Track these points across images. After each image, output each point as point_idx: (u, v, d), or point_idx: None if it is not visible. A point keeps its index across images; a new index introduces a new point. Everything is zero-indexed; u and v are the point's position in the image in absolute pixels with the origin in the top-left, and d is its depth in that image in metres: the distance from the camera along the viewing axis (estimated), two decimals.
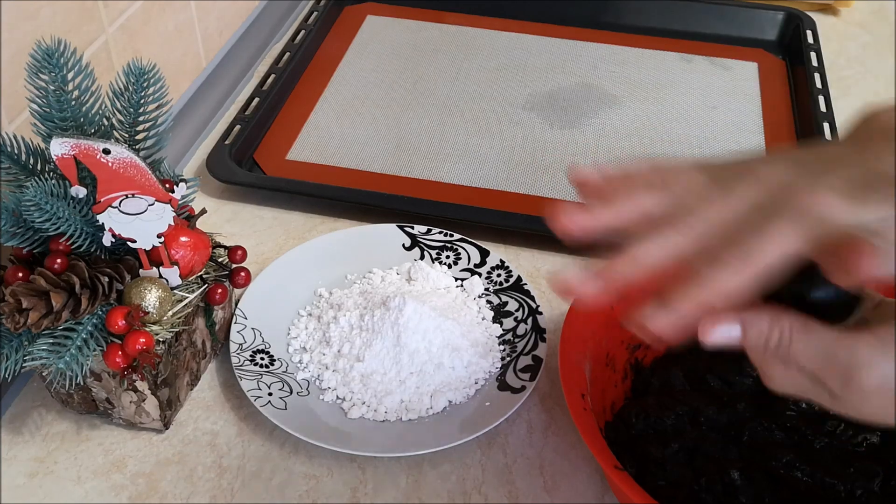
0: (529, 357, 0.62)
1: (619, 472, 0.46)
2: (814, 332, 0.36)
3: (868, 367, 0.34)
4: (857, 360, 0.34)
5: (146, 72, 0.56)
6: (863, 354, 0.35)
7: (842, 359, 0.35)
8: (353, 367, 0.61)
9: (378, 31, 1.01)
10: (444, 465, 0.58)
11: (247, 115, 0.84)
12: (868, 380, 0.34)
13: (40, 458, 0.57)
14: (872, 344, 0.35)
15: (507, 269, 0.69)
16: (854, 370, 0.35)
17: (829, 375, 0.35)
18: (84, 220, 0.54)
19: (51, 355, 0.51)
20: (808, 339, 0.36)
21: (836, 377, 0.35)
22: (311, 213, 0.77)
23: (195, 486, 0.56)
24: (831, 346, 0.35)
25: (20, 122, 0.61)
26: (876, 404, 0.35)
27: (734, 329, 0.37)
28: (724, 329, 0.37)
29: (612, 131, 0.86)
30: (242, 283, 0.61)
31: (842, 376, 0.35)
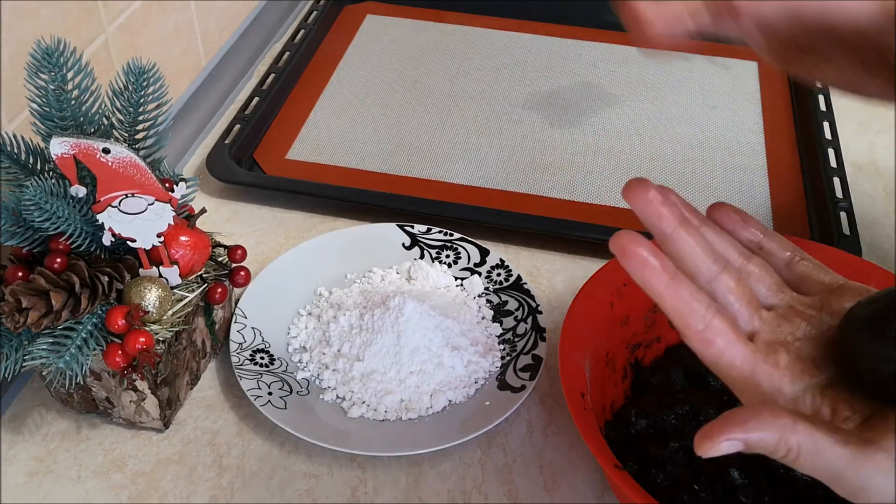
0: (529, 356, 0.62)
1: (618, 471, 0.46)
2: (823, 454, 0.34)
3: (879, 493, 0.33)
4: (866, 485, 0.33)
5: (146, 71, 0.56)
6: (874, 483, 0.33)
7: (851, 482, 0.34)
8: (352, 366, 0.61)
9: (378, 31, 1.01)
10: (443, 464, 0.58)
11: (246, 115, 0.84)
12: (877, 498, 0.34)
13: (40, 458, 0.57)
14: (887, 471, 0.33)
15: (507, 268, 0.69)
16: (862, 492, 0.34)
17: (835, 486, 0.34)
18: (84, 220, 0.54)
19: (51, 355, 0.51)
20: (816, 462, 0.34)
21: (843, 492, 0.34)
22: (310, 213, 0.77)
23: (195, 486, 0.56)
24: (840, 470, 0.34)
25: (20, 121, 0.61)
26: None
27: (736, 445, 0.35)
28: (725, 445, 0.34)
29: (611, 130, 0.86)
30: (242, 282, 0.61)
31: (849, 493, 0.34)
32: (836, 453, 0.34)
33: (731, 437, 0.34)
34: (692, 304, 0.37)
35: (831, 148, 0.82)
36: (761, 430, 0.34)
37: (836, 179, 0.78)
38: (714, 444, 0.34)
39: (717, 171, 0.82)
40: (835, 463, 0.34)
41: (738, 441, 0.34)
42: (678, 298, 0.37)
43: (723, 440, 0.34)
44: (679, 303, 0.37)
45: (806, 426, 0.34)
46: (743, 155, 0.84)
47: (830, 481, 0.34)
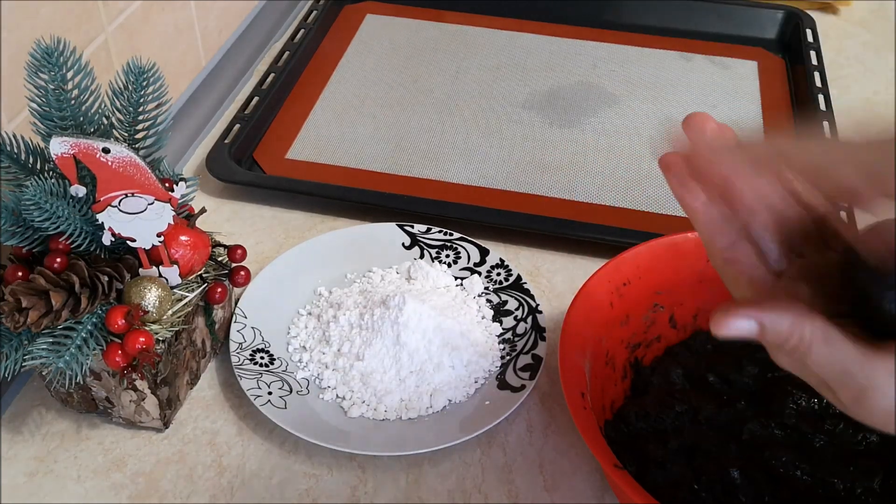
0: (529, 356, 0.62)
1: (618, 470, 0.46)
2: (834, 346, 0.34)
3: (884, 394, 0.33)
4: (873, 384, 0.33)
5: (145, 71, 0.56)
6: (880, 380, 0.33)
7: (858, 380, 0.34)
8: (352, 365, 0.61)
9: (378, 30, 1.01)
10: (443, 464, 0.58)
11: (246, 114, 0.84)
12: (880, 403, 0.33)
13: (40, 457, 0.57)
14: (892, 371, 0.33)
15: (507, 267, 0.69)
16: (867, 392, 0.33)
17: (840, 389, 0.34)
18: (84, 220, 0.54)
19: (50, 354, 0.51)
20: (827, 353, 0.34)
21: (847, 393, 0.34)
22: (310, 212, 0.77)
23: (195, 485, 0.56)
24: (849, 365, 0.34)
25: (20, 121, 0.61)
26: (881, 421, 0.34)
27: (751, 325, 0.35)
28: (741, 323, 0.34)
29: (611, 130, 0.86)
30: (242, 282, 0.61)
31: (854, 394, 0.34)
32: (847, 348, 0.34)
33: (747, 314, 0.34)
34: (722, 224, 0.37)
35: None
36: (777, 312, 0.34)
37: None
38: (729, 322, 0.34)
39: None
40: (845, 357, 0.34)
41: (754, 320, 0.34)
42: (709, 217, 0.37)
43: (739, 318, 0.34)
44: (709, 221, 0.37)
45: (821, 318, 0.34)
46: None
47: (837, 380, 0.34)
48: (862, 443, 0.53)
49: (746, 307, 0.35)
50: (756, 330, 0.34)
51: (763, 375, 0.58)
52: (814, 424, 0.54)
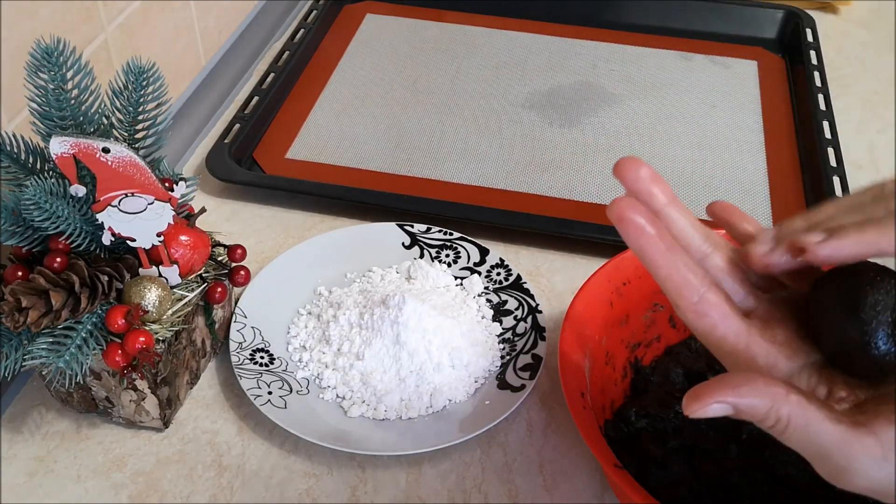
0: (529, 356, 0.62)
1: (618, 470, 0.46)
2: (813, 429, 0.33)
3: (863, 477, 0.33)
4: (852, 466, 0.33)
5: (145, 70, 0.56)
6: (859, 462, 0.33)
7: (837, 461, 0.33)
8: (352, 365, 0.61)
9: (377, 30, 1.01)
10: (443, 463, 0.58)
11: (246, 114, 0.84)
12: (859, 483, 0.33)
13: (40, 457, 0.57)
14: (874, 457, 0.33)
15: (507, 267, 0.69)
16: (846, 472, 0.33)
17: (818, 465, 0.34)
18: (83, 219, 0.54)
19: (50, 354, 0.51)
20: (804, 435, 0.33)
21: (825, 469, 0.34)
22: (310, 212, 0.77)
23: (195, 485, 0.56)
24: (827, 447, 0.33)
25: (20, 120, 0.61)
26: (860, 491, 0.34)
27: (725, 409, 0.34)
28: (714, 408, 0.34)
29: (611, 130, 0.86)
30: (242, 281, 0.61)
31: (831, 472, 0.34)
32: (825, 430, 0.33)
33: (721, 399, 0.33)
34: (687, 276, 0.36)
35: (831, 147, 0.82)
36: (753, 397, 0.33)
37: (835, 179, 0.78)
38: (703, 406, 0.33)
39: (717, 170, 0.82)
40: (823, 440, 0.33)
41: (728, 405, 0.33)
42: (673, 268, 0.36)
43: (713, 402, 0.33)
44: (674, 272, 0.36)
45: (799, 398, 0.33)
46: (743, 155, 0.84)
47: (815, 458, 0.34)
48: None
49: (721, 392, 0.33)
50: (731, 412, 0.34)
51: None
52: None
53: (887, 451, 0.32)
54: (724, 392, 0.33)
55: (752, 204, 0.78)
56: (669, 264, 0.36)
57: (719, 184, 0.80)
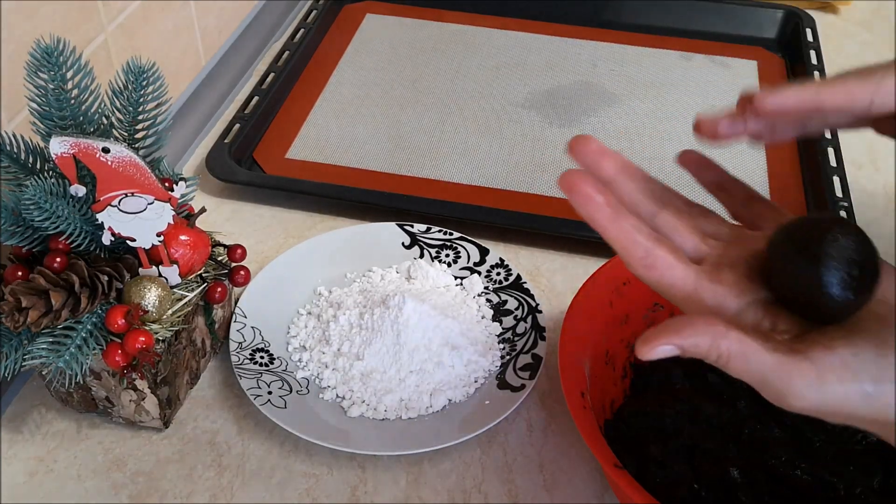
0: (529, 355, 0.62)
1: (618, 470, 0.46)
2: (752, 358, 0.36)
3: (799, 398, 0.35)
4: (790, 391, 0.35)
5: (145, 70, 0.56)
6: (796, 388, 0.35)
7: (776, 386, 0.36)
8: (352, 365, 0.61)
9: (377, 30, 1.01)
10: (443, 463, 0.58)
11: (246, 114, 0.84)
12: (797, 404, 0.35)
13: (40, 457, 0.57)
14: (809, 379, 0.35)
15: (507, 267, 0.69)
16: (785, 395, 0.35)
17: (762, 390, 0.36)
18: (83, 219, 0.54)
19: (50, 354, 0.51)
20: (744, 366, 0.36)
21: (768, 393, 0.36)
22: (310, 212, 0.77)
23: (195, 485, 0.56)
24: (767, 374, 0.36)
25: (19, 120, 0.61)
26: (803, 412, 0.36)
27: (672, 350, 0.37)
28: (662, 349, 0.37)
29: (611, 129, 0.86)
30: (242, 281, 0.61)
31: (773, 395, 0.36)
32: (763, 359, 0.36)
33: (666, 342, 0.36)
34: (634, 235, 0.39)
35: (831, 147, 0.82)
36: (694, 337, 0.36)
37: (835, 178, 0.78)
38: (651, 349, 0.37)
39: None
40: (762, 368, 0.36)
41: (674, 346, 0.37)
42: (620, 230, 0.39)
43: (659, 345, 0.37)
44: (621, 233, 0.39)
45: (737, 333, 0.36)
46: (743, 154, 0.84)
47: (757, 384, 0.36)
48: (861, 442, 0.53)
49: (666, 335, 0.37)
50: (678, 352, 0.37)
51: None
52: (813, 424, 0.54)
53: (822, 374, 0.35)
54: (669, 335, 0.37)
55: None
56: (617, 227, 0.39)
57: None
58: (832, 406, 0.35)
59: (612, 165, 0.42)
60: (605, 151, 0.42)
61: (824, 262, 0.36)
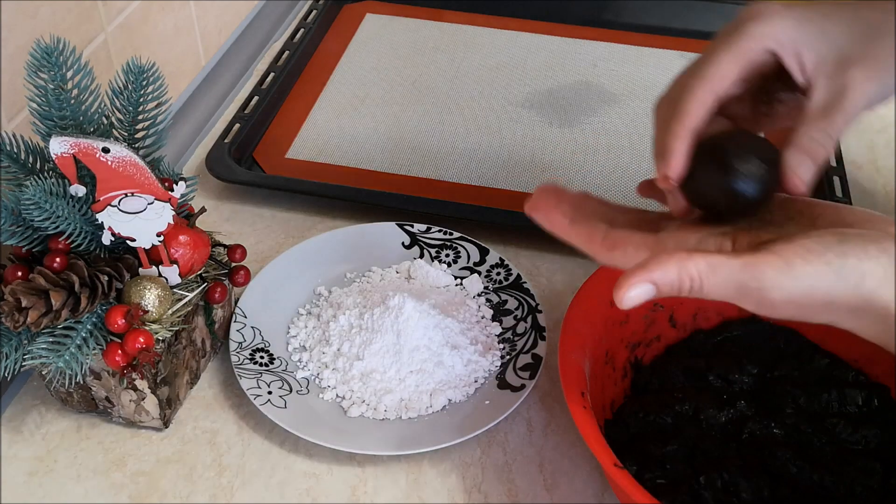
0: (529, 355, 0.62)
1: (618, 470, 0.46)
2: (720, 269, 0.38)
3: (776, 288, 0.37)
4: (764, 284, 0.37)
5: (145, 70, 0.56)
6: (768, 279, 0.37)
7: (751, 286, 0.37)
8: (352, 365, 0.61)
9: (377, 30, 1.01)
10: (443, 463, 0.58)
11: (246, 114, 0.84)
12: (777, 297, 0.37)
13: (40, 457, 0.57)
14: (777, 267, 0.37)
15: (507, 267, 0.69)
16: (763, 293, 0.37)
17: (742, 301, 0.38)
18: (83, 219, 0.54)
19: (50, 354, 0.51)
20: (717, 279, 0.38)
21: (749, 301, 0.38)
22: (310, 212, 0.77)
23: (195, 485, 0.56)
24: (739, 276, 0.37)
25: (19, 120, 0.61)
26: (786, 313, 0.38)
27: (647, 287, 0.38)
28: (637, 290, 0.38)
29: (611, 129, 0.86)
30: (242, 281, 0.61)
31: (754, 300, 0.38)
32: (731, 266, 0.37)
33: (637, 281, 0.38)
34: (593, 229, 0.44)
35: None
36: (661, 269, 0.38)
37: (835, 178, 0.78)
38: (626, 292, 0.38)
39: None
40: (732, 275, 0.37)
41: (646, 282, 0.38)
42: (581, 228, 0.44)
43: (632, 287, 0.38)
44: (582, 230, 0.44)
45: (700, 254, 0.38)
46: None
47: (736, 295, 0.38)
48: (861, 442, 0.53)
49: (635, 273, 0.38)
50: (653, 290, 0.38)
51: (763, 375, 0.58)
52: (813, 424, 0.54)
53: (788, 260, 0.37)
54: (637, 274, 0.38)
55: None
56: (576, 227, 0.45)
57: None
58: (807, 290, 0.36)
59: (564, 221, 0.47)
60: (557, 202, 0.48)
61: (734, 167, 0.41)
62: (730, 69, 0.43)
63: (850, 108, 0.43)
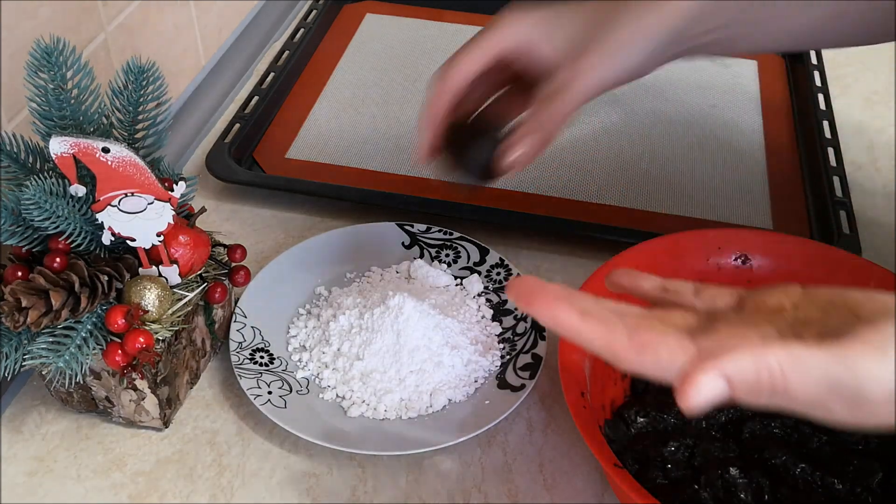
0: (529, 355, 0.62)
1: (618, 470, 0.46)
2: (807, 360, 0.32)
3: (873, 380, 0.31)
4: (859, 375, 0.31)
5: (145, 70, 0.56)
6: (866, 370, 0.31)
7: (846, 381, 0.31)
8: (352, 365, 0.61)
9: (377, 30, 1.01)
10: (443, 463, 0.58)
11: (246, 114, 0.84)
12: (878, 393, 0.31)
13: (40, 457, 0.57)
14: (872, 354, 0.32)
15: (507, 267, 0.69)
16: (860, 390, 0.31)
17: (833, 401, 0.32)
18: (83, 219, 0.54)
19: (50, 354, 0.51)
20: (803, 372, 0.32)
21: (842, 402, 0.32)
22: (310, 212, 0.77)
23: (195, 485, 0.56)
24: (830, 369, 0.31)
25: (19, 120, 0.61)
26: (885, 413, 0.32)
27: (718, 385, 0.32)
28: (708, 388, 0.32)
29: (611, 129, 0.86)
30: (242, 281, 0.61)
31: (849, 399, 0.32)
32: (818, 357, 0.32)
33: (709, 372, 0.32)
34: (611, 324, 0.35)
35: (831, 147, 0.82)
36: (735, 358, 0.32)
37: (835, 178, 0.78)
38: (695, 387, 0.32)
39: (717, 170, 0.82)
40: (822, 367, 0.32)
41: (717, 375, 0.32)
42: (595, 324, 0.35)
43: (702, 379, 0.32)
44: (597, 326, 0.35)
45: (779, 342, 0.32)
46: (743, 154, 0.84)
47: (827, 394, 0.32)
48: (861, 442, 0.53)
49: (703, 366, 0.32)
50: (726, 388, 0.32)
51: None
52: (814, 424, 0.54)
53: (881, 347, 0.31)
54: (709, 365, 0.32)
55: (752, 204, 0.78)
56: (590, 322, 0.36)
57: (719, 184, 0.80)
58: None
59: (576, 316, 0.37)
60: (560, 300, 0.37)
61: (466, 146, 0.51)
62: (472, 66, 0.50)
63: (577, 91, 0.48)
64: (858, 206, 0.76)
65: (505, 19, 0.50)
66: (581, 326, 0.36)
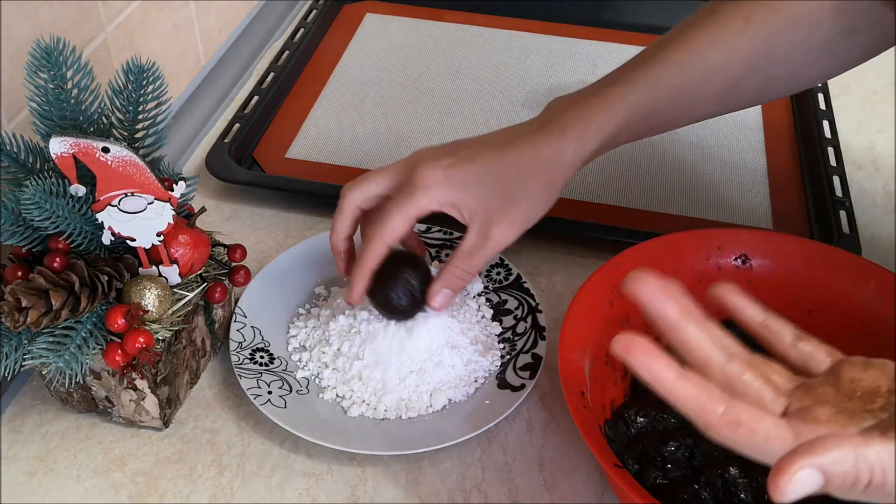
0: (529, 355, 0.62)
1: (618, 470, 0.46)
2: None
3: None
4: None
5: (145, 70, 0.56)
6: None
7: None
8: (352, 365, 0.61)
9: (377, 29, 1.01)
10: (443, 463, 0.58)
11: (246, 114, 0.84)
12: None
13: (40, 457, 0.57)
14: None
15: (507, 267, 0.69)
16: None
17: None
18: (83, 219, 0.54)
19: (50, 354, 0.51)
20: None
21: None
22: (310, 212, 0.77)
23: (195, 485, 0.56)
24: None
25: (19, 120, 0.61)
26: None
27: (813, 477, 0.31)
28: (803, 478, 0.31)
29: None
30: (242, 281, 0.61)
31: None
32: None
33: (804, 463, 0.31)
34: (708, 390, 0.35)
35: (831, 147, 0.82)
36: (833, 449, 0.31)
37: (835, 178, 0.78)
38: (789, 478, 0.31)
39: (717, 170, 0.82)
40: None
41: (814, 468, 0.31)
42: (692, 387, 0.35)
43: (796, 469, 0.31)
44: (693, 391, 0.35)
45: (879, 437, 0.32)
46: (743, 154, 0.84)
47: None
48: None
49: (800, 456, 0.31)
50: (821, 480, 0.31)
51: None
52: None
53: None
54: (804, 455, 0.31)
55: (752, 204, 0.78)
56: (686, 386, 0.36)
57: (719, 184, 0.80)
58: None
59: (676, 307, 0.38)
60: (668, 289, 0.38)
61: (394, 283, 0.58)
62: (401, 226, 0.56)
63: (489, 253, 0.57)
64: (858, 206, 0.76)
65: (427, 188, 0.56)
66: (676, 388, 0.36)
